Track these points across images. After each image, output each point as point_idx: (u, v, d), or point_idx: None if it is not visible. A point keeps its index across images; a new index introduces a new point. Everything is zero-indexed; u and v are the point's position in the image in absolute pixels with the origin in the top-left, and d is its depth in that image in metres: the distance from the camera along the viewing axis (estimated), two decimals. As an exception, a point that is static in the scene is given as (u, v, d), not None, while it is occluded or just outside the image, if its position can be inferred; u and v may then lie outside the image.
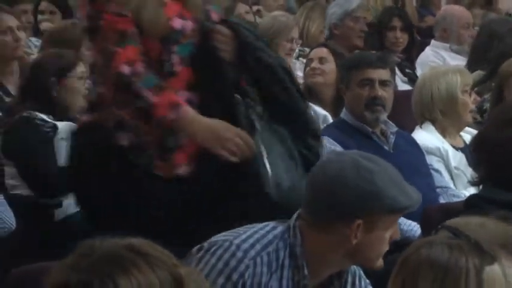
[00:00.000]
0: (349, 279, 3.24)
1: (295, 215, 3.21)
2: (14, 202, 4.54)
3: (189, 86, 3.74)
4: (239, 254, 3.14)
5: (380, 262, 3.09)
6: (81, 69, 4.91)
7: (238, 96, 3.90)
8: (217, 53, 3.83)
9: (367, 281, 3.34)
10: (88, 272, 1.94)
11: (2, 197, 4.49)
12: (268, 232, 3.26)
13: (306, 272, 3.13)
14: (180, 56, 3.76)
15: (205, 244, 3.26)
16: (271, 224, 3.35)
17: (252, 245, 3.19)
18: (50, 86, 4.75)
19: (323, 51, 5.91)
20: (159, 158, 3.78)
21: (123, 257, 1.98)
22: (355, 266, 3.31)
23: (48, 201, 4.88)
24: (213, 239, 3.30)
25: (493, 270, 2.17)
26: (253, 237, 3.24)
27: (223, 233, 3.34)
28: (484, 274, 2.16)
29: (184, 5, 3.76)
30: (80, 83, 4.87)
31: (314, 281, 3.21)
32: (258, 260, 3.17)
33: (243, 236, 3.22)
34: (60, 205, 4.85)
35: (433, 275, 2.21)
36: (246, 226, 3.36)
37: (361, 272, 3.32)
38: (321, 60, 5.83)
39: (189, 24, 3.74)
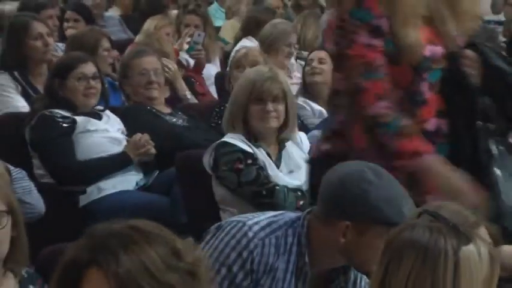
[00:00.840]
0: (352, 277, 3.31)
1: (309, 208, 3.34)
2: (42, 190, 4.47)
3: (438, 113, 3.51)
4: (250, 234, 3.21)
5: (372, 267, 2.94)
6: (81, 70, 4.94)
7: (480, 122, 3.72)
8: (465, 78, 3.63)
9: (367, 280, 3.36)
10: (94, 250, 2.02)
11: (33, 185, 4.44)
12: (279, 219, 3.33)
13: (306, 259, 3.21)
14: (430, 82, 3.57)
15: (223, 223, 3.39)
16: (285, 212, 3.47)
17: (263, 228, 3.25)
18: (55, 86, 4.92)
19: (322, 53, 6.11)
20: None
21: (125, 235, 2.05)
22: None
23: (73, 188, 5.01)
24: (230, 219, 3.45)
25: (469, 249, 2.32)
26: (264, 221, 3.30)
27: (241, 215, 3.51)
28: (460, 253, 2.30)
29: (435, 31, 3.52)
30: (79, 84, 4.91)
31: (314, 270, 3.29)
32: (267, 241, 3.23)
33: (256, 219, 3.29)
34: (84, 192, 4.98)
35: (414, 254, 2.35)
36: (263, 212, 3.50)
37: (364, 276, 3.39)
38: (321, 60, 6.07)
39: (439, 50, 3.54)
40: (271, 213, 3.36)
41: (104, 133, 5.23)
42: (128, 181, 5.10)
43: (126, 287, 2.03)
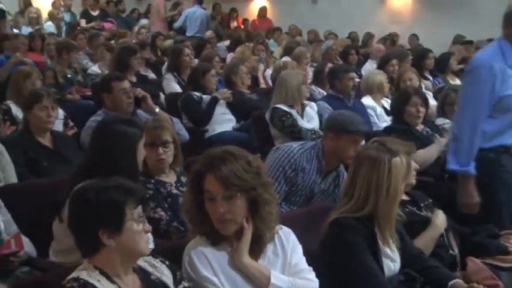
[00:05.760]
0: (341, 173, 4.03)
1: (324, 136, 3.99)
2: (187, 128, 5.52)
3: None
4: (294, 150, 3.94)
5: (349, 160, 3.44)
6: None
7: None
8: None
9: (345, 173, 3.98)
10: (208, 163, 2.52)
11: (181, 125, 5.31)
12: (306, 144, 4.04)
13: (323, 162, 3.95)
14: None
15: (278, 146, 4.10)
16: (308, 141, 4.20)
17: (300, 148, 3.96)
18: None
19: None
20: None
21: (223, 155, 2.54)
22: (343, 169, 4.02)
23: (202, 128, 6.22)
24: (281, 145, 4.13)
25: (396, 159, 2.91)
26: (299, 145, 4.01)
27: (285, 143, 4.16)
28: (392, 161, 2.90)
29: None
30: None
31: (326, 167, 3.98)
32: (301, 154, 3.94)
33: (295, 145, 4.01)
34: (207, 130, 6.23)
35: (368, 162, 2.93)
36: (296, 141, 4.22)
37: (345, 172, 3.97)
38: None
39: None
40: (302, 141, 4.25)
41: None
42: (228, 126, 6.44)
43: (225, 183, 2.50)
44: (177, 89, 7.32)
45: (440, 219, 3.45)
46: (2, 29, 9.12)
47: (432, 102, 6.19)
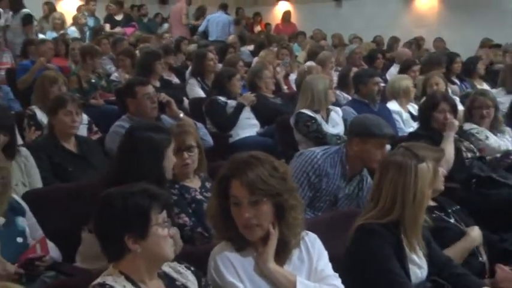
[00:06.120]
0: (365, 177, 4.05)
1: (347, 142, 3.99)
2: (211, 134, 5.52)
3: None
4: (317, 156, 3.96)
5: (376, 165, 3.29)
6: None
7: None
8: None
9: (370, 180, 3.97)
10: (234, 169, 2.53)
11: (205, 130, 5.35)
12: (329, 149, 4.05)
13: (347, 166, 3.97)
14: None
15: (302, 151, 4.13)
16: (332, 146, 4.18)
17: (323, 154, 3.97)
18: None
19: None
20: None
21: (249, 160, 2.55)
22: (367, 173, 4.03)
23: (226, 133, 6.21)
24: (305, 150, 4.15)
25: (422, 165, 2.90)
26: (323, 150, 4.02)
27: (309, 148, 4.20)
28: (418, 167, 2.89)
29: None
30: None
31: (350, 172, 3.99)
32: (325, 159, 3.95)
33: (319, 150, 4.02)
34: (231, 135, 6.20)
35: (394, 168, 2.92)
36: (320, 146, 4.19)
37: (368, 176, 4.02)
38: None
39: None
40: (325, 146, 4.23)
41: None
42: (253, 131, 6.44)
43: (251, 188, 2.50)
44: (201, 93, 7.37)
45: (476, 233, 3.44)
46: (29, 34, 9.20)
47: (459, 107, 5.96)
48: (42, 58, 7.62)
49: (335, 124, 5.75)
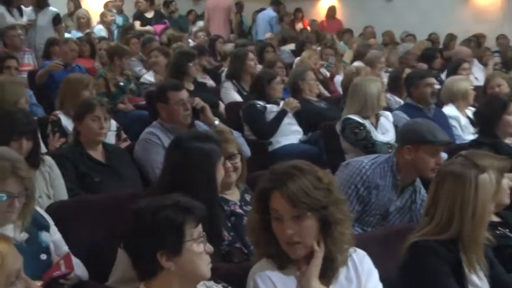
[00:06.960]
0: (418, 187, 4.02)
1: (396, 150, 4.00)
2: (248, 141, 5.51)
3: None
4: (366, 166, 3.96)
5: (431, 174, 3.57)
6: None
7: None
8: None
9: (423, 191, 3.97)
10: (274, 180, 2.54)
11: (242, 138, 5.33)
12: (379, 158, 4.05)
13: (398, 177, 3.96)
14: None
15: (349, 161, 4.14)
16: (381, 155, 4.18)
17: (372, 164, 3.96)
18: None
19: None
20: None
21: (290, 171, 2.55)
22: (420, 183, 4.01)
23: (265, 141, 6.18)
24: (352, 159, 4.19)
25: (484, 176, 2.84)
26: (372, 159, 4.01)
27: (357, 157, 4.22)
28: (479, 178, 2.83)
29: None
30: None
31: (402, 183, 3.97)
32: (374, 169, 3.95)
33: (367, 159, 4.02)
34: (270, 143, 6.20)
35: (452, 179, 2.87)
36: (368, 155, 4.18)
37: (421, 186, 4.02)
38: None
39: None
40: (374, 155, 4.21)
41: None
42: (295, 138, 6.39)
43: (293, 201, 2.48)
44: (237, 98, 7.37)
45: None
46: (61, 35, 9.25)
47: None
48: (56, 60, 7.63)
49: (385, 131, 5.75)
